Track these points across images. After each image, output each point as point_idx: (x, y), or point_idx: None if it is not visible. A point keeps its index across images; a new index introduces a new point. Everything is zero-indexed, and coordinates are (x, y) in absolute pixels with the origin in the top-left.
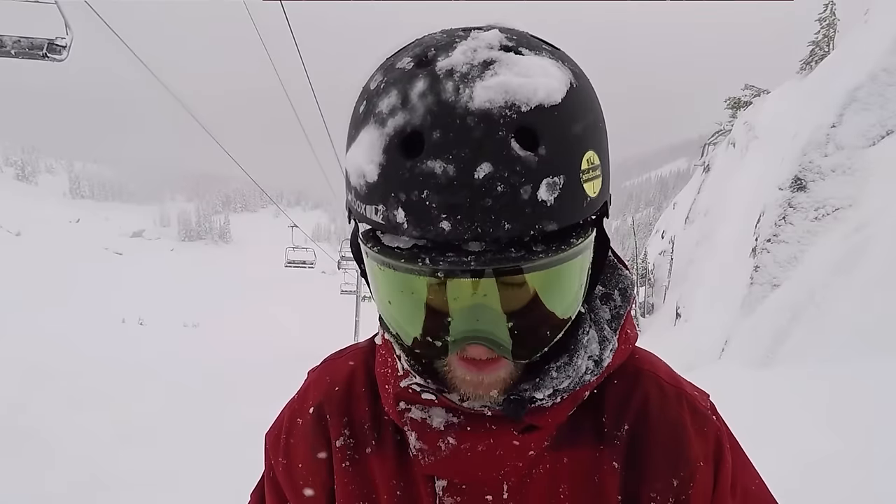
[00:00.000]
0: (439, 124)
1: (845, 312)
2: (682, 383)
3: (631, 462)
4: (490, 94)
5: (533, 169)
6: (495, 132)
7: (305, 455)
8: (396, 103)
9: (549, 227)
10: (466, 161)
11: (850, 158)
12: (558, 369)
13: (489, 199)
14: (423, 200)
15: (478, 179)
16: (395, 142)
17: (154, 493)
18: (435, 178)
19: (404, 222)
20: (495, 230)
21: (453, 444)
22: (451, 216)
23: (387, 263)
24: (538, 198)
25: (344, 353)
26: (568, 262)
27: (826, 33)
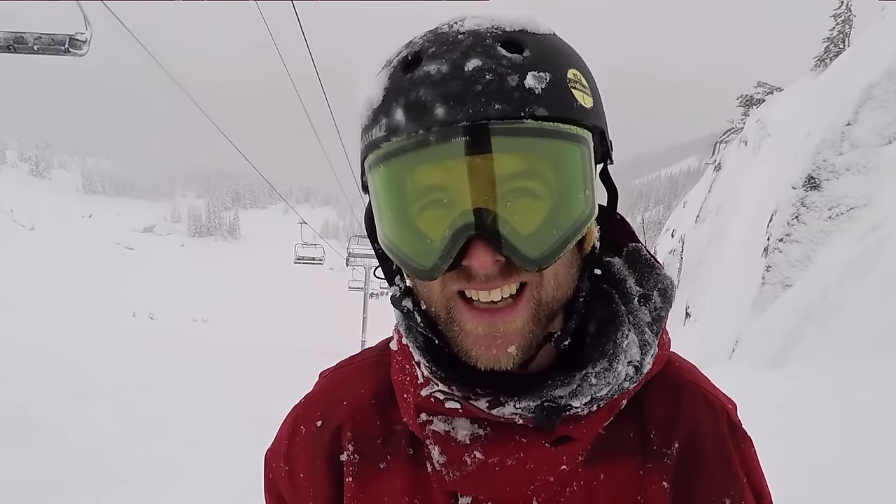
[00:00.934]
0: (435, 44)
1: (858, 314)
2: (721, 395)
3: (682, 482)
4: (478, 21)
5: (518, 64)
6: (483, 41)
7: (306, 465)
8: (402, 49)
9: (539, 112)
10: (457, 60)
11: (866, 157)
12: (597, 375)
13: (479, 86)
14: (420, 98)
15: (468, 71)
16: (398, 66)
17: (162, 484)
18: (430, 78)
19: (403, 119)
20: (486, 110)
21: (480, 459)
22: (445, 103)
23: (384, 157)
24: (526, 85)
25: (353, 362)
26: (563, 143)
27: (841, 29)
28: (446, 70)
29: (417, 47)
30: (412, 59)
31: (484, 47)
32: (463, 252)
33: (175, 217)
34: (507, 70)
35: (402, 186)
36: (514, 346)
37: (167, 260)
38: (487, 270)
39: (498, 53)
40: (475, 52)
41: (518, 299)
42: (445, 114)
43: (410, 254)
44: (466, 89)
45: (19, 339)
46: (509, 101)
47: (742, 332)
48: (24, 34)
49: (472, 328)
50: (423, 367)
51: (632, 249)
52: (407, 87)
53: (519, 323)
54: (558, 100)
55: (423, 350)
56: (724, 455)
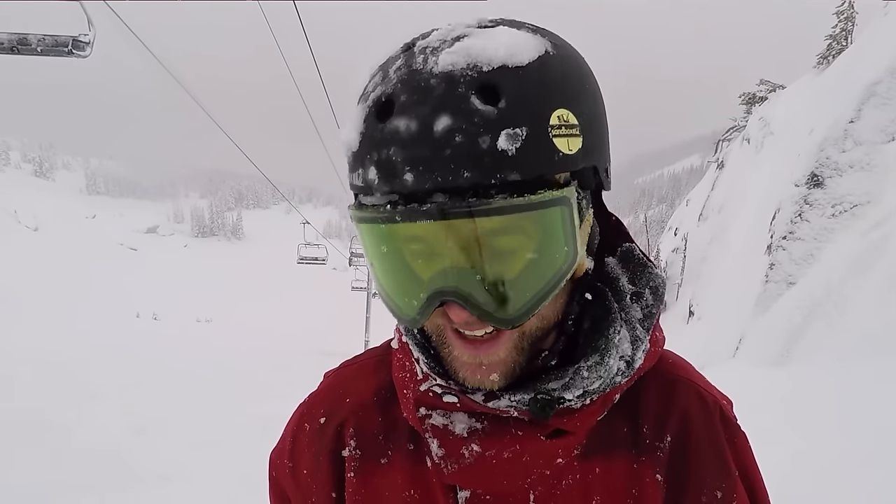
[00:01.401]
0: (407, 89)
1: (862, 311)
2: (715, 391)
3: (675, 475)
4: (453, 58)
5: (492, 120)
6: (455, 89)
7: (309, 462)
8: (378, 80)
9: (511, 177)
10: (427, 116)
11: (869, 154)
12: (589, 369)
13: (448, 150)
14: (391, 157)
15: (437, 132)
16: (372, 110)
17: (168, 484)
18: (400, 135)
19: (375, 178)
20: (455, 179)
21: (477, 451)
22: (414, 168)
23: (360, 218)
24: (498, 147)
25: (356, 362)
26: (536, 212)
27: (844, 27)
28: (415, 129)
29: (391, 88)
30: (385, 102)
31: (456, 99)
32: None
33: (178, 218)
34: (479, 129)
35: (378, 246)
36: (496, 374)
37: (170, 260)
38: (464, 321)
39: (470, 107)
40: (446, 105)
41: (500, 334)
42: (414, 181)
43: (394, 303)
44: (435, 154)
45: (24, 339)
46: (480, 166)
47: (745, 330)
48: (27, 35)
49: (458, 355)
50: (422, 364)
51: (625, 249)
52: (379, 140)
53: (501, 354)
54: (534, 158)
55: (422, 347)
56: (716, 449)
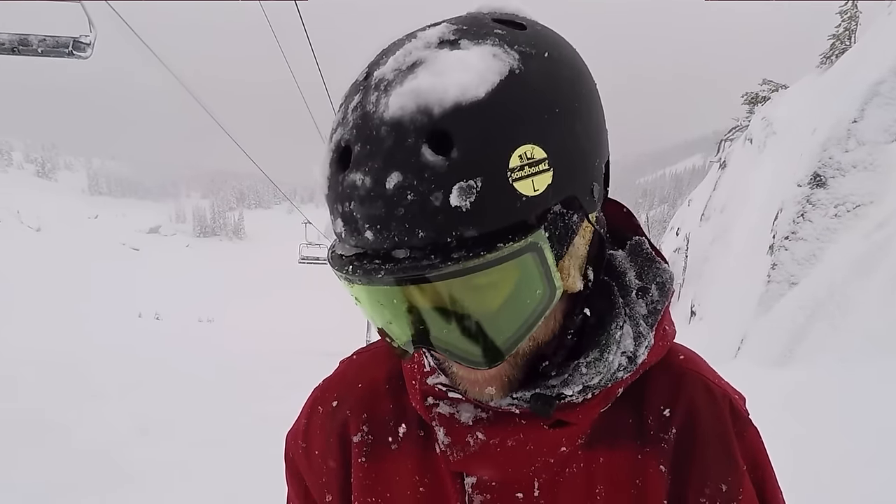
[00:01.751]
0: (361, 137)
1: (865, 312)
2: (725, 384)
3: (679, 466)
4: (402, 100)
5: (442, 174)
6: (405, 140)
7: (321, 443)
8: (340, 118)
9: (467, 233)
10: (379, 172)
11: (872, 154)
12: (588, 365)
13: (401, 209)
14: (351, 212)
15: (389, 190)
16: (335, 156)
17: (169, 484)
18: (357, 191)
19: (342, 232)
20: (410, 239)
21: (482, 439)
22: (373, 226)
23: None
24: (451, 203)
25: (370, 349)
26: (499, 266)
27: (847, 26)
28: (369, 185)
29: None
30: (344, 149)
31: (405, 151)
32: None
33: (180, 218)
34: (430, 186)
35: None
36: (492, 388)
37: (173, 260)
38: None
39: (420, 162)
40: (396, 159)
41: None
42: (374, 239)
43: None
44: (389, 213)
45: (26, 339)
46: (434, 225)
47: (748, 330)
48: (28, 36)
49: (457, 368)
50: (429, 357)
51: (635, 243)
52: (340, 194)
53: (495, 371)
54: (492, 209)
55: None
56: (723, 442)
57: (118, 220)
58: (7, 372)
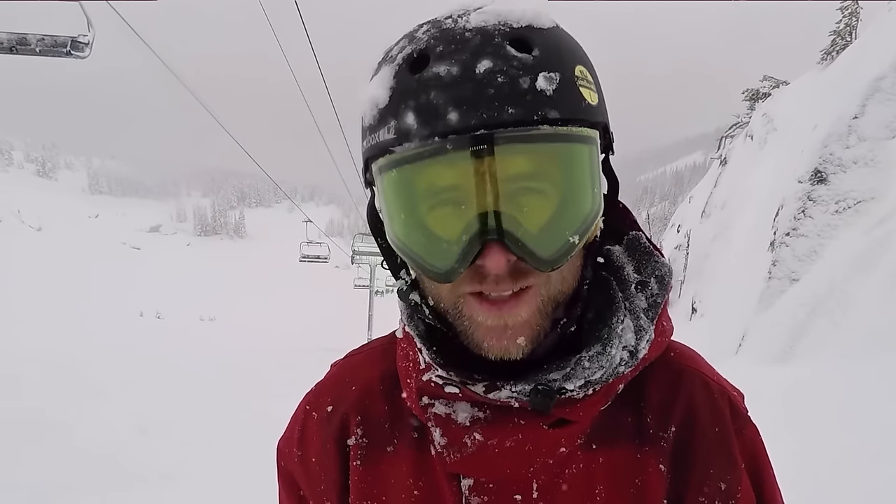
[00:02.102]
0: (441, 42)
1: (866, 308)
2: (724, 382)
3: (678, 465)
4: (484, 16)
5: (529, 65)
6: (491, 40)
7: (317, 449)
8: (404, 43)
9: (551, 115)
10: (467, 61)
11: (873, 150)
12: (591, 359)
13: (491, 89)
14: (431, 101)
15: (479, 73)
16: (403, 66)
17: (171, 483)
18: (440, 80)
19: (414, 124)
20: (500, 115)
21: (479, 440)
22: (458, 108)
23: (398, 161)
24: (537, 87)
25: (362, 350)
26: (575, 145)
27: (848, 22)
28: (457, 72)
29: (423, 44)
30: (418, 57)
31: (493, 47)
32: (477, 254)
33: (181, 216)
34: (519, 72)
35: (415, 192)
36: (522, 338)
37: (173, 259)
38: (501, 271)
39: (508, 53)
40: (485, 52)
41: (524, 292)
42: (459, 119)
43: (426, 257)
44: (479, 93)
45: (28, 338)
46: (522, 104)
47: (748, 326)
48: (26, 35)
49: (482, 320)
50: (425, 353)
51: (632, 238)
52: (416, 88)
53: (525, 315)
54: (569, 100)
55: (424, 337)
56: (722, 440)
57: (119, 219)
58: (9, 371)
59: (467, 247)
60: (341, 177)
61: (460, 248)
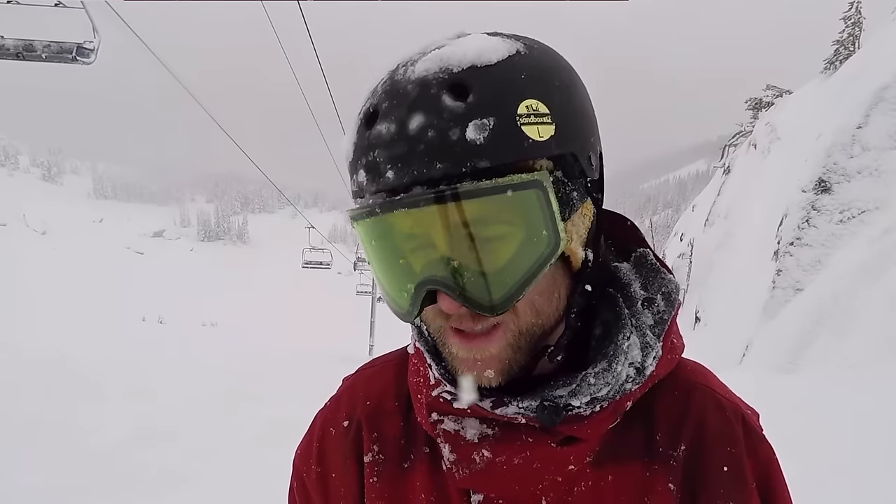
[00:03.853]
0: (388, 97)
1: (871, 319)
2: (737, 399)
3: (688, 484)
4: (427, 64)
5: (460, 114)
6: (428, 90)
7: (338, 465)
8: (369, 96)
9: (480, 164)
10: (403, 118)
11: (877, 160)
12: (596, 376)
13: (422, 145)
14: (375, 158)
15: (411, 130)
16: (362, 122)
17: (173, 488)
18: (382, 138)
19: (364, 180)
20: (429, 171)
21: (488, 457)
22: (394, 166)
23: (352, 216)
24: (467, 138)
25: (375, 364)
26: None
27: (851, 32)
28: (394, 130)
29: (376, 99)
30: (372, 112)
31: (428, 99)
32: (432, 297)
33: (185, 222)
34: (449, 123)
35: (370, 242)
36: (491, 371)
37: (177, 264)
38: (456, 312)
39: (440, 105)
40: (419, 105)
41: (495, 329)
42: (394, 177)
43: (390, 297)
44: (411, 150)
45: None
46: (451, 157)
47: (753, 336)
48: (32, 42)
49: (457, 351)
50: (434, 369)
51: (639, 255)
52: (366, 146)
53: (494, 350)
54: (503, 146)
55: (433, 353)
56: (733, 459)
57: (123, 223)
58: (11, 374)
59: (415, 295)
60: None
61: (410, 295)
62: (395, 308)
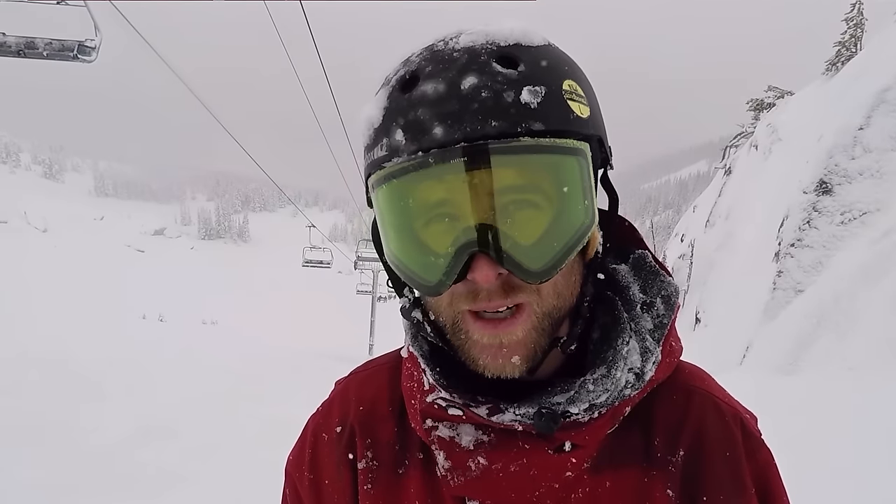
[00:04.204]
0: (431, 63)
1: (872, 320)
2: (735, 403)
3: (687, 490)
4: (472, 37)
5: (514, 79)
6: (478, 58)
7: (331, 472)
8: (399, 67)
9: (535, 126)
10: (453, 79)
11: (879, 162)
12: (595, 382)
13: (476, 104)
14: (418, 117)
15: (464, 89)
16: (396, 87)
17: (173, 486)
18: (427, 97)
19: (402, 140)
20: (483, 128)
21: (484, 464)
22: (443, 123)
23: (386, 177)
24: (521, 100)
25: (368, 368)
26: (561, 156)
27: (853, 33)
28: (443, 89)
29: (414, 66)
30: (409, 78)
31: (479, 64)
32: (467, 267)
33: (185, 220)
34: (503, 86)
35: (404, 205)
36: (517, 357)
37: (177, 262)
38: (490, 284)
39: (493, 70)
40: (471, 69)
41: (519, 311)
42: (444, 133)
43: (416, 270)
44: (463, 108)
45: (31, 339)
46: (506, 117)
47: (753, 337)
48: (34, 39)
49: (478, 338)
50: (428, 375)
51: (638, 256)
52: (405, 106)
53: (520, 334)
54: (554, 113)
55: (428, 358)
56: (732, 463)
57: (124, 221)
58: (11, 371)
59: (454, 259)
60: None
61: (447, 261)
62: (421, 281)
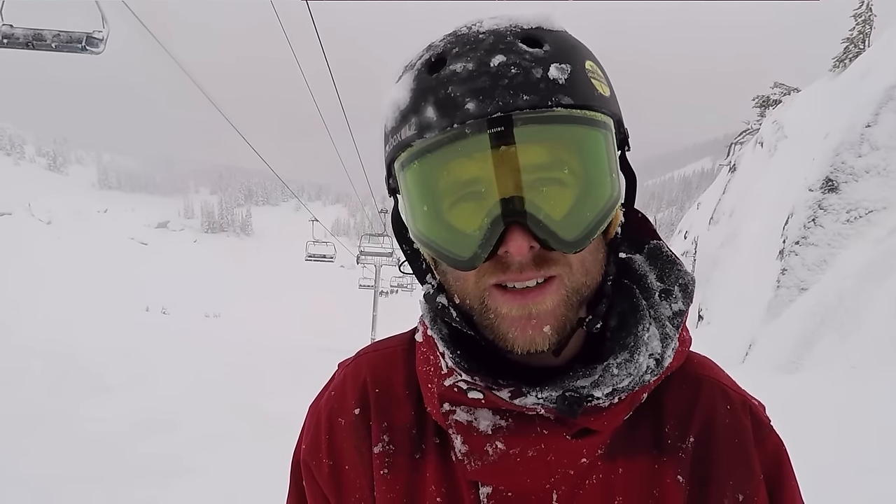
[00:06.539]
0: (457, 45)
1: (876, 319)
2: (744, 392)
3: (697, 476)
4: (496, 21)
5: (541, 57)
6: (504, 38)
7: (351, 456)
8: (424, 51)
9: (564, 100)
10: (482, 58)
11: (886, 159)
12: (619, 366)
13: (506, 80)
14: (449, 94)
15: (493, 67)
16: (422, 69)
17: (175, 478)
18: (457, 76)
19: (434, 116)
20: (515, 101)
21: (501, 449)
22: (475, 98)
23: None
24: (550, 76)
25: (378, 349)
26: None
27: (861, 30)
28: (473, 67)
29: (440, 49)
30: (436, 60)
31: (506, 44)
32: (500, 240)
33: (188, 213)
34: (531, 63)
35: (437, 181)
36: (548, 327)
37: (180, 255)
38: (523, 256)
39: (520, 49)
40: (498, 49)
41: (549, 283)
42: (476, 107)
43: (448, 246)
44: (494, 83)
45: (34, 331)
46: (536, 91)
47: (756, 335)
48: (42, 31)
49: (507, 311)
50: (448, 358)
51: (653, 246)
52: (434, 86)
53: (549, 304)
54: (581, 89)
55: (448, 341)
56: (741, 450)
57: (127, 214)
58: (14, 364)
59: (489, 231)
60: (348, 176)
61: (482, 232)
62: (455, 255)
